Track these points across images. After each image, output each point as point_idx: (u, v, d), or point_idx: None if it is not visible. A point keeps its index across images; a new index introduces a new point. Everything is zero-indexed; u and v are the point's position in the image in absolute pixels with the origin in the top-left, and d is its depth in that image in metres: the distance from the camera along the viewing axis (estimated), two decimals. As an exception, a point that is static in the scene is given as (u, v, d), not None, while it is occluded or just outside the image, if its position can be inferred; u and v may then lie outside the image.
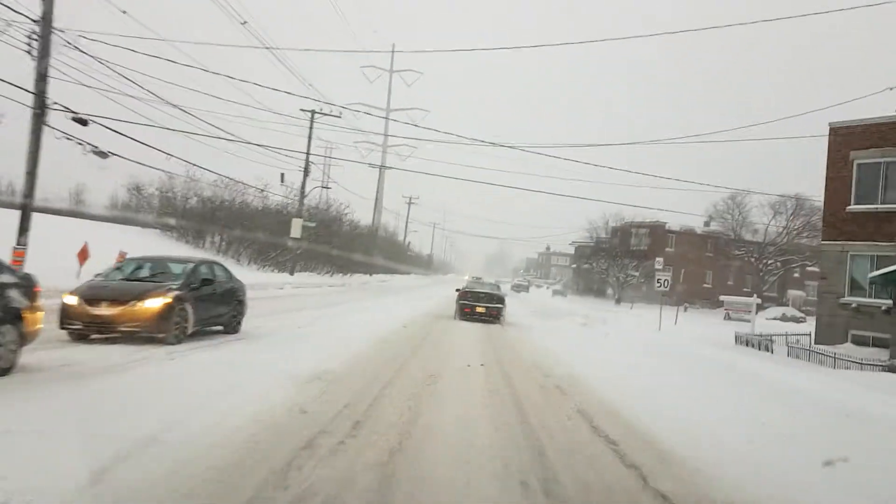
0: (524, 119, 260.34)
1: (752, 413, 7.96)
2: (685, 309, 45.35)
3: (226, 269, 11.91)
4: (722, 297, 43.02)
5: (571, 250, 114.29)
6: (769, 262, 48.64)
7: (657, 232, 47.22)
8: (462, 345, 13.98)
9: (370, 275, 57.66)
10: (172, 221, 36.08)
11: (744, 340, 20.98)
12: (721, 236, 49.49)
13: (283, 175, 36.19)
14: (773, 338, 20.71)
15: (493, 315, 21.44)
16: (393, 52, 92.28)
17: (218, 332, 11.45)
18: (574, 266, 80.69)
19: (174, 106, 22.40)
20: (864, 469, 5.50)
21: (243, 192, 37.41)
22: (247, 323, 12.94)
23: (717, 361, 14.07)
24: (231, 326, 11.66)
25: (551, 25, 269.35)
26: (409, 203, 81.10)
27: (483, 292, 22.32)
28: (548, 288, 70.55)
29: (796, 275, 54.52)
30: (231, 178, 35.89)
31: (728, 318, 40.86)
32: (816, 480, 5.20)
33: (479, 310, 21.36)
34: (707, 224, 52.54)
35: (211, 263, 11.36)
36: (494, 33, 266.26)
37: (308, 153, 36.59)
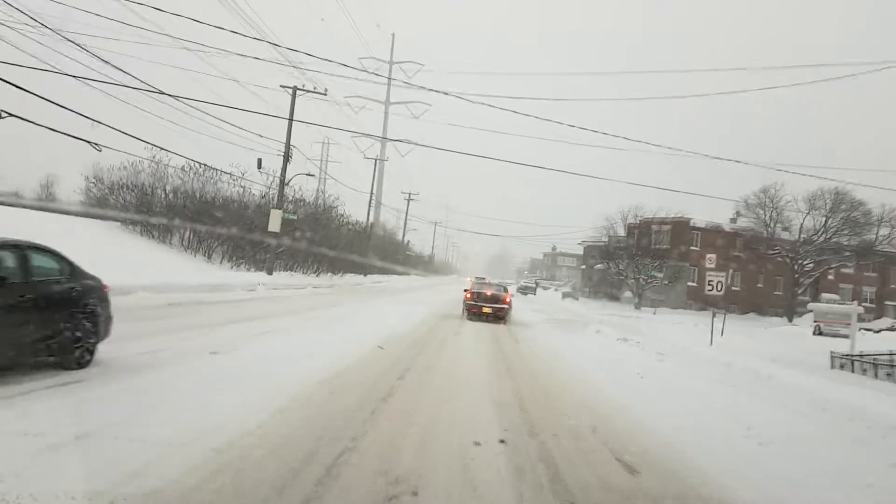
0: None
1: None
2: (714, 315, 40.24)
3: (62, 259, 7.04)
4: (811, 306, 36.72)
5: (579, 250, 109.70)
6: (805, 262, 43.82)
7: (680, 229, 42.41)
8: (464, 384, 9.19)
9: (365, 275, 52.98)
10: (135, 215, 31.39)
11: (845, 363, 15.96)
12: (752, 233, 44.67)
13: (259, 161, 31.53)
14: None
15: (498, 315, 21.91)
16: (392, 41, 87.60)
17: (46, 367, 6.75)
18: (583, 267, 75.92)
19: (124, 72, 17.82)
20: None
21: (216, 180, 32.74)
22: (131, 344, 8.27)
23: (864, 409, 9.10)
24: (69, 355, 6.85)
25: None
26: (409, 199, 76.47)
27: (489, 294, 22.58)
28: (556, 290, 65.74)
29: (830, 277, 49.72)
30: (203, 164, 31.24)
31: (819, 332, 32.36)
32: None
33: (485, 310, 21.78)
34: (734, 220, 47.73)
35: (23, 248, 6.42)
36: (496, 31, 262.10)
37: (289, 134, 31.92)
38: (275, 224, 31.60)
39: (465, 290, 22.94)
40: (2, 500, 3.35)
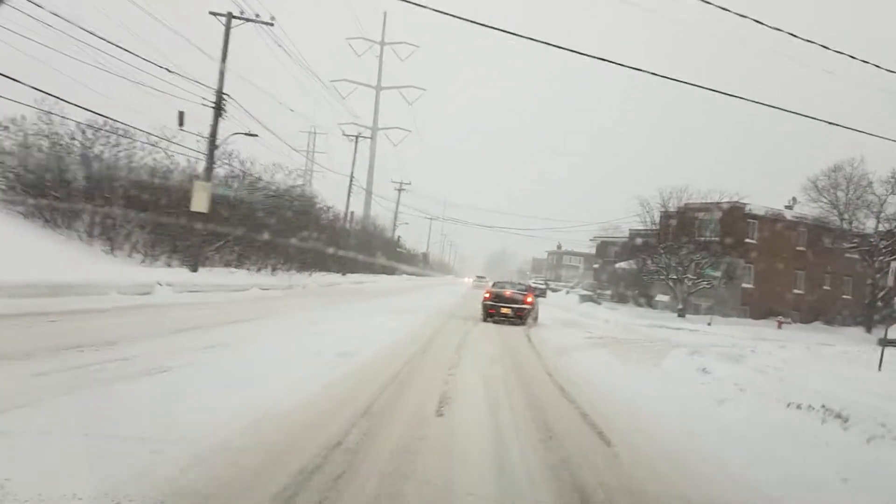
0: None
1: None
2: (779, 325, 31.74)
3: None
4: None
5: (586, 248, 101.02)
6: (883, 259, 35.13)
7: (733, 216, 33.65)
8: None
9: (343, 274, 44.20)
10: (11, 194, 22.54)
11: None
12: (823, 224, 35.96)
13: (181, 115, 22.74)
14: None
15: (518, 316, 20.22)
16: (384, 20, 79.11)
17: None
18: (595, 266, 67.17)
19: None
20: None
21: (126, 144, 23.83)
22: None
23: None
24: None
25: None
26: (399, 189, 67.75)
27: (509, 294, 20.85)
28: (567, 292, 56.93)
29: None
30: (109, 118, 22.44)
31: None
32: None
33: (503, 311, 20.15)
34: (789, 207, 39.08)
35: None
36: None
37: (221, 78, 23.04)
38: (200, 202, 22.78)
39: (484, 290, 22.14)
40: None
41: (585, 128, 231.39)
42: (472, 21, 11.11)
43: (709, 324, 28.92)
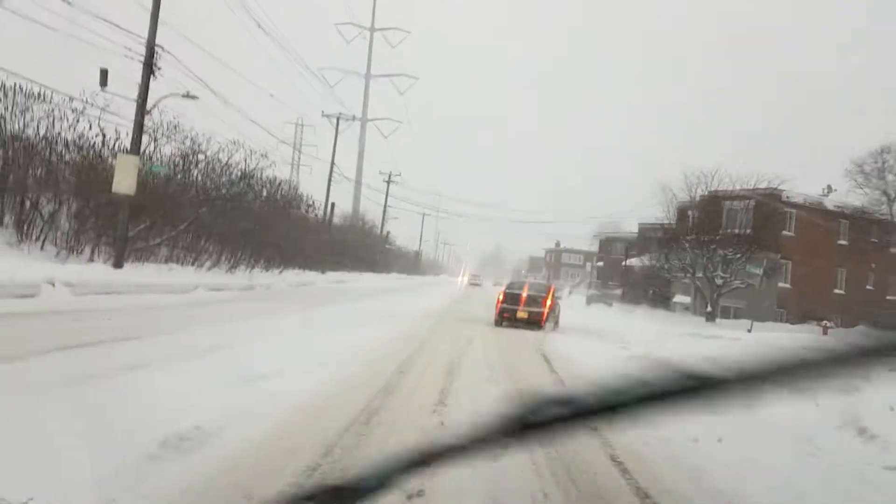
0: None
1: None
2: (824, 331, 27.16)
3: None
4: None
5: (585, 245, 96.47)
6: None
7: (769, 205, 28.94)
8: None
9: (322, 272, 39.44)
10: None
11: None
12: (866, 215, 31.37)
13: (104, 73, 17.98)
14: None
15: (536, 321, 17.97)
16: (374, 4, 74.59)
17: None
18: (600, 263, 62.59)
19: None
20: None
21: (42, 110, 18.96)
22: None
23: None
24: None
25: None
26: (388, 181, 63.00)
27: (526, 295, 18.38)
28: (571, 293, 52.25)
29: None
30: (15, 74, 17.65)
31: None
32: None
33: (520, 315, 17.99)
34: (825, 194, 34.49)
35: None
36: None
37: (154, 23, 18.20)
38: (125, 181, 17.95)
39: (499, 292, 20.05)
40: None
41: (592, 115, 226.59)
42: None
43: (749, 330, 24.30)
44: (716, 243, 27.50)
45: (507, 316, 18.15)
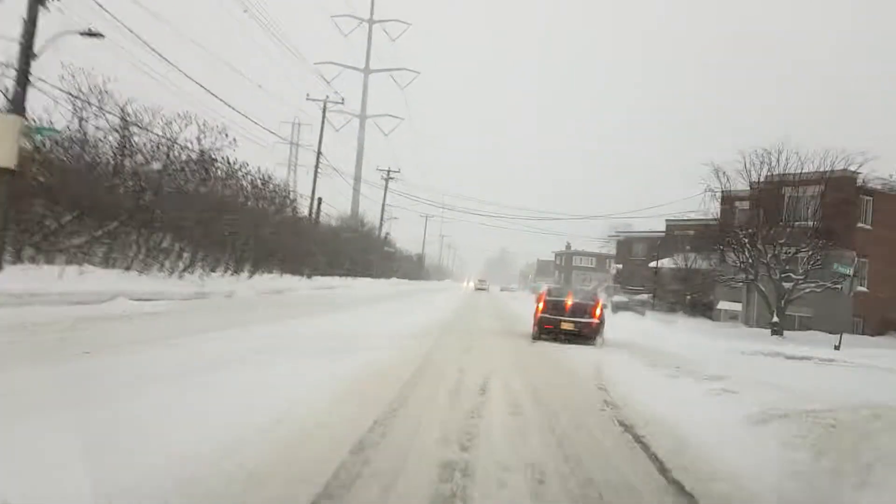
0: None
1: None
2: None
3: None
4: None
5: (596, 248, 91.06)
6: None
7: (841, 191, 23.55)
8: None
9: (308, 277, 34.30)
10: None
11: None
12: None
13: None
14: None
15: (585, 334, 15.41)
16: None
17: None
18: (618, 266, 57.27)
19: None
20: None
21: None
22: None
23: None
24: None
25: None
26: (387, 178, 57.86)
27: (571, 304, 15.69)
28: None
29: None
30: None
31: None
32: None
33: (564, 326, 15.35)
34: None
35: None
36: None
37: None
38: (4, 152, 12.87)
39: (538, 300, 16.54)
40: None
41: (592, 115, 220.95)
42: None
43: (836, 347, 18.98)
44: (786, 237, 22.17)
45: (549, 328, 15.47)
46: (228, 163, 22.35)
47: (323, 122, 34.66)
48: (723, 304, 29.48)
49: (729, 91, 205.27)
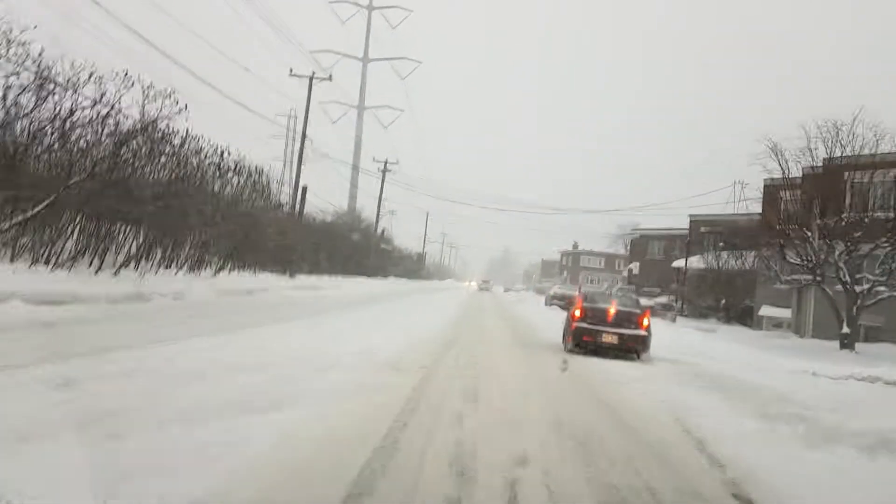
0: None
1: None
2: None
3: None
4: None
5: (608, 247, 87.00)
6: None
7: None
8: None
9: (290, 275, 30.34)
10: None
11: None
12: None
13: None
14: None
15: (629, 348, 13.14)
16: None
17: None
18: (631, 267, 53.26)
19: None
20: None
21: None
22: None
23: None
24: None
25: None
26: (384, 170, 53.87)
27: (614, 311, 13.53)
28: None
29: None
30: None
31: None
32: None
33: (606, 339, 13.10)
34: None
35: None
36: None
37: None
38: None
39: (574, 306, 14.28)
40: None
41: (593, 114, 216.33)
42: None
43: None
44: (862, 231, 18.11)
45: (587, 339, 13.38)
46: (184, 137, 18.33)
47: (309, 100, 30.70)
48: (765, 310, 25.49)
49: (729, 90, 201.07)
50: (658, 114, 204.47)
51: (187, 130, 18.32)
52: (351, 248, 47.39)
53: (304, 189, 30.74)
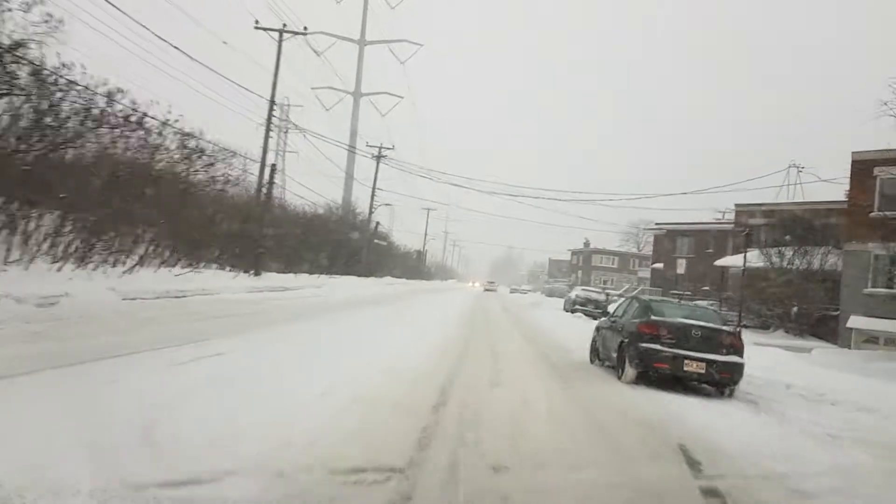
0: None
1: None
2: None
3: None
4: None
5: (618, 246, 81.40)
6: None
7: None
8: None
9: (255, 274, 24.73)
10: None
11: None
12: None
13: None
14: None
15: (722, 379, 9.68)
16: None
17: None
18: (657, 265, 47.62)
19: None
20: None
21: None
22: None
23: None
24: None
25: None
26: (378, 156, 48.17)
27: (699, 330, 9.87)
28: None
29: None
30: None
31: None
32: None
33: (690, 365, 9.52)
34: None
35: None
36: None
37: None
38: None
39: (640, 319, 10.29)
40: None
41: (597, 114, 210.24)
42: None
43: None
44: None
45: (661, 366, 9.49)
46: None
47: (279, 56, 25.03)
48: (856, 321, 19.90)
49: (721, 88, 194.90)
50: (658, 112, 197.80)
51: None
52: (339, 244, 41.85)
53: (273, 169, 25.11)
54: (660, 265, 45.66)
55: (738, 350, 9.96)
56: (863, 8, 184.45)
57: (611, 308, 28.75)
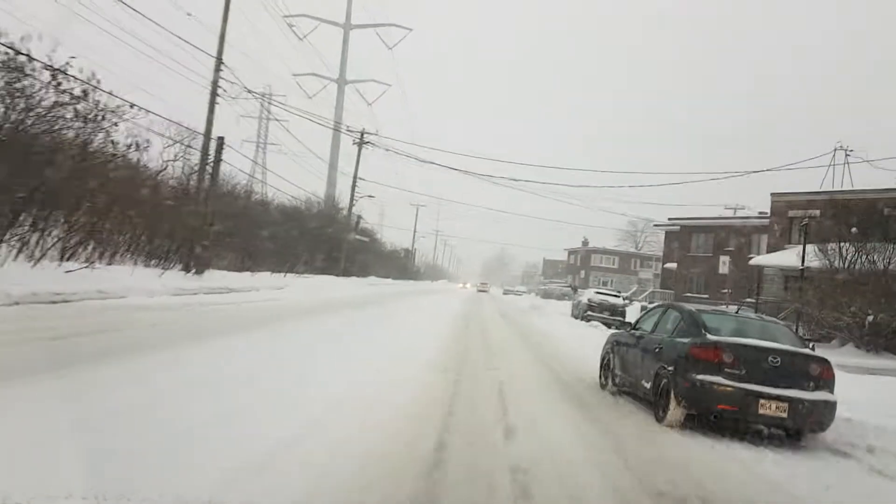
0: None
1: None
2: None
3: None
4: None
5: (616, 245, 76.96)
6: None
7: None
8: None
9: (197, 272, 19.85)
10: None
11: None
12: None
13: None
14: None
15: (804, 427, 7.02)
16: None
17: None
18: (669, 265, 43.10)
19: None
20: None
21: None
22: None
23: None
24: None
25: None
26: (360, 143, 43.25)
27: (776, 358, 6.87)
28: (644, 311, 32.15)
29: None
30: None
31: None
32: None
33: (766, 409, 6.64)
34: None
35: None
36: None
37: None
38: None
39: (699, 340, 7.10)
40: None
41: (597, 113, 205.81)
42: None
43: None
44: None
45: (729, 408, 6.82)
46: None
47: (223, 21, 19.98)
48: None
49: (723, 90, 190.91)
50: (658, 112, 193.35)
51: None
52: (318, 240, 37.03)
53: (221, 141, 20.20)
54: (672, 264, 41.07)
55: (828, 383, 7.11)
56: None
57: (629, 315, 24.39)
